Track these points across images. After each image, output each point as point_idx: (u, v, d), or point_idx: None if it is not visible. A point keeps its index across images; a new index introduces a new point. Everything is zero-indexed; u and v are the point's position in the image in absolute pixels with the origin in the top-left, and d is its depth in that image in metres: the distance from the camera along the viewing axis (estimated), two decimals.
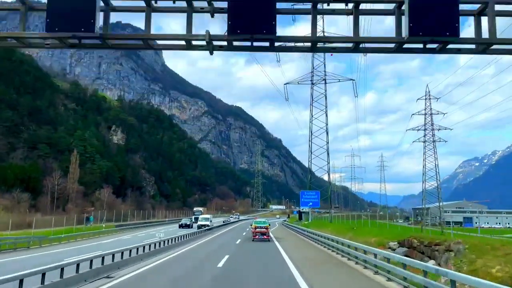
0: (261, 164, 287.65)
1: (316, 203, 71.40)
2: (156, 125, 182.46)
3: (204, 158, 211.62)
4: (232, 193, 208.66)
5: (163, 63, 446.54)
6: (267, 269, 18.80)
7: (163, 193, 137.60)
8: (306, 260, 22.54)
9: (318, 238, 34.20)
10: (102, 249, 24.94)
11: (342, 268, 19.43)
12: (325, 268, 19.95)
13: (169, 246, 27.08)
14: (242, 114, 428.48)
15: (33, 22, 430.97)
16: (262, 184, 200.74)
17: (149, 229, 59.63)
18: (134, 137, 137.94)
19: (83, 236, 42.40)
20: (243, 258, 23.94)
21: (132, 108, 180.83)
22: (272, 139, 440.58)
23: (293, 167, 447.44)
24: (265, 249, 29.57)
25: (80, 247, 31.16)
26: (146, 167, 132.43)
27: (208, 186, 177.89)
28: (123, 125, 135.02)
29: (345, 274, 17.72)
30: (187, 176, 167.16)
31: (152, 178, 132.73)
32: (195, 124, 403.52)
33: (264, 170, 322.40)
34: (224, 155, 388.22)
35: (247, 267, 19.92)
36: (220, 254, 24.57)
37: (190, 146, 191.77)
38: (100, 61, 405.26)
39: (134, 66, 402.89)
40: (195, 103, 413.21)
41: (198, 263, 20.89)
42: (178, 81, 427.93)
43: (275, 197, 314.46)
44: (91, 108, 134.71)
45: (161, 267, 18.89)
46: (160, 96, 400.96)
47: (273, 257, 23.90)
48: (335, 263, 21.48)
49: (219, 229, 59.61)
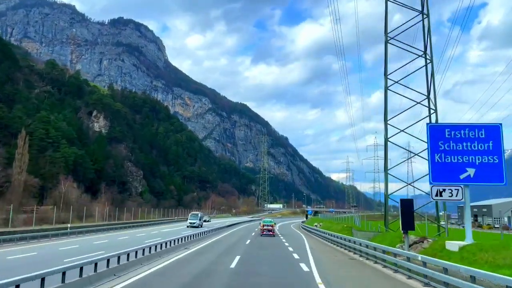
0: (267, 163, 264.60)
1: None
2: (151, 115, 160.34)
3: (205, 153, 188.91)
4: (236, 191, 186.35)
5: (166, 59, 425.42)
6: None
7: (154, 190, 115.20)
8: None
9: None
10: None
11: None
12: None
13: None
14: (247, 111, 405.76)
15: (33, 18, 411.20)
16: (268, 179, 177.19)
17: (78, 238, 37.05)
18: (121, 125, 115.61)
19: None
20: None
21: (124, 97, 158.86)
22: (278, 137, 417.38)
23: (300, 166, 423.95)
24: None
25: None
26: (133, 159, 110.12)
27: (209, 183, 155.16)
28: (106, 110, 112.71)
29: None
30: (184, 171, 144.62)
31: (140, 172, 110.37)
32: (199, 122, 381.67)
33: (270, 169, 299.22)
34: (229, 154, 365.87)
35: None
36: None
37: (189, 139, 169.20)
38: (101, 57, 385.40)
39: (136, 62, 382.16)
40: (198, 100, 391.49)
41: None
42: (182, 78, 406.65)
43: (282, 197, 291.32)
44: (70, 92, 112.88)
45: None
46: (163, 93, 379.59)
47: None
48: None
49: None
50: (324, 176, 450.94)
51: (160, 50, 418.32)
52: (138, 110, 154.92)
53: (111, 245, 25.39)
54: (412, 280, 14.06)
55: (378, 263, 18.42)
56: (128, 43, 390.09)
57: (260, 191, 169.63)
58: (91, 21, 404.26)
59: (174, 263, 17.87)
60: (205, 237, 35.37)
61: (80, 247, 24.84)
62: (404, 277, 14.74)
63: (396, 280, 14.69)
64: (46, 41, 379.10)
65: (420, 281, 13.53)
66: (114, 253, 14.24)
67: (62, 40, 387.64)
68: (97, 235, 39.91)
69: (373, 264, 18.81)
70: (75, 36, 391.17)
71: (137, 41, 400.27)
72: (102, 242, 29.10)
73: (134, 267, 15.17)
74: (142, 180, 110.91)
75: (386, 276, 15.63)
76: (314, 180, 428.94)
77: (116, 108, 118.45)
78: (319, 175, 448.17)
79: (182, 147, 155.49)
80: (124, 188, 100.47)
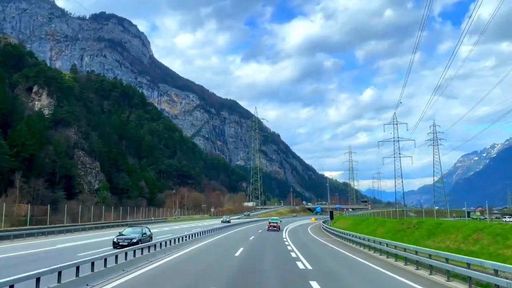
0: (258, 160, 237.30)
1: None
2: (123, 102, 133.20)
3: (188, 146, 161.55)
4: (224, 188, 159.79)
5: (151, 55, 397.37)
6: None
7: (117, 187, 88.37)
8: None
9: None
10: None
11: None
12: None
13: None
14: (237, 108, 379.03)
15: (9, 14, 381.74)
16: (261, 176, 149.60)
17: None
18: (72, 106, 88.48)
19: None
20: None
21: (91, 80, 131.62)
22: (270, 134, 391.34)
23: (293, 163, 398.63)
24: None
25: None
26: (87, 148, 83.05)
27: (191, 178, 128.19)
28: (52, 86, 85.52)
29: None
30: (160, 165, 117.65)
31: (96, 164, 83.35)
32: (187, 119, 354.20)
33: (262, 167, 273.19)
34: (219, 152, 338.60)
35: None
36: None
37: (168, 129, 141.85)
38: (82, 53, 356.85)
39: (119, 58, 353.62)
40: (186, 96, 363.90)
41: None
42: (168, 74, 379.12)
43: (276, 195, 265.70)
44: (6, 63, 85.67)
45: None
46: (148, 89, 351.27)
47: None
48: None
49: None
50: (317, 173, 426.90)
51: (144, 45, 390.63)
52: (107, 96, 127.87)
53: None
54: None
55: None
56: (110, 38, 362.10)
57: (251, 187, 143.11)
58: (71, 16, 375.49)
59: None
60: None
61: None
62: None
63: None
64: (23, 38, 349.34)
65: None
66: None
67: (40, 36, 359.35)
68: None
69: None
70: (54, 32, 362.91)
71: (120, 36, 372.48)
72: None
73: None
74: (100, 174, 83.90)
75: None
76: (308, 178, 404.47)
77: (67, 84, 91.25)
78: (312, 172, 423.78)
79: (159, 138, 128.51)
80: (71, 184, 73.58)
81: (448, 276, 12.70)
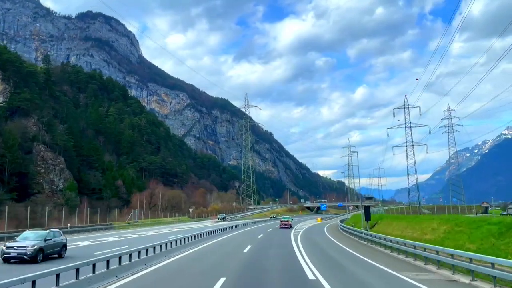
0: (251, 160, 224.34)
1: None
2: (101, 95, 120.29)
3: (174, 143, 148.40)
4: (215, 188, 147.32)
5: (140, 54, 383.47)
6: None
7: (88, 186, 75.73)
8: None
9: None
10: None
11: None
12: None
13: None
14: (229, 106, 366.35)
15: None
16: (254, 173, 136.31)
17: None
18: (35, 93, 75.58)
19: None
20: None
21: (65, 72, 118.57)
22: (263, 133, 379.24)
23: (286, 162, 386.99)
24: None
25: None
26: (49, 142, 70.19)
27: (177, 177, 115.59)
28: (7, 71, 72.61)
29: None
30: (142, 162, 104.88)
31: (61, 160, 70.56)
32: (177, 118, 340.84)
33: (255, 166, 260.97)
34: (211, 151, 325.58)
35: None
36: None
37: (151, 124, 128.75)
38: (68, 53, 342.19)
39: (107, 57, 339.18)
40: (176, 95, 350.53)
41: None
42: (157, 73, 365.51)
43: (270, 195, 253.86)
44: None
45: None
46: (137, 89, 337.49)
47: None
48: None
49: None
50: (311, 172, 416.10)
51: (133, 44, 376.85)
52: (84, 88, 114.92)
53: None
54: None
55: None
56: (97, 38, 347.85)
57: (244, 185, 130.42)
58: (56, 15, 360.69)
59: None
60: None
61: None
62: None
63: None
64: (7, 38, 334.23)
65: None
66: None
67: (25, 36, 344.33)
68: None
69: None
70: (39, 32, 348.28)
71: (107, 35, 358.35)
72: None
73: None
74: (65, 172, 71.10)
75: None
76: (302, 177, 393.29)
77: (28, 69, 78.33)
78: (306, 171, 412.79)
79: (141, 133, 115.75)
80: (24, 182, 60.75)
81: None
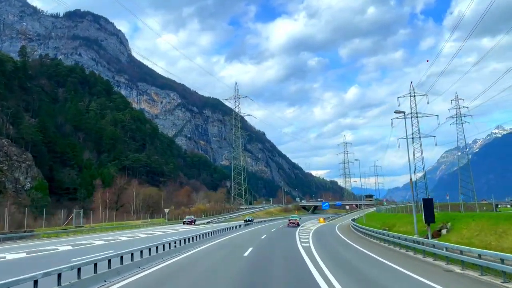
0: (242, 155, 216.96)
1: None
2: (82, 89, 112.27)
3: (162, 140, 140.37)
4: (205, 187, 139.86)
5: (129, 53, 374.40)
6: None
7: (61, 186, 68.01)
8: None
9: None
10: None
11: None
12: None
13: None
14: (220, 106, 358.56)
15: None
16: (245, 171, 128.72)
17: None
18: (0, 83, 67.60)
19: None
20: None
21: (44, 65, 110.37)
22: (255, 132, 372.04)
23: (279, 162, 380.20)
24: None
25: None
26: (14, 135, 62.34)
27: (163, 176, 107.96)
28: None
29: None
30: (124, 160, 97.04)
31: (28, 156, 62.74)
32: (168, 118, 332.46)
33: (247, 166, 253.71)
34: (202, 151, 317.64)
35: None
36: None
37: (136, 120, 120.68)
38: (56, 52, 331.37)
39: (96, 56, 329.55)
40: (166, 95, 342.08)
41: None
42: (147, 73, 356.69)
43: (262, 195, 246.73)
44: None
45: None
46: (127, 89, 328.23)
47: None
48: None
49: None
50: (304, 172, 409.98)
51: (122, 43, 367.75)
52: (63, 82, 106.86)
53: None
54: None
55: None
56: (85, 36, 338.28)
57: (235, 185, 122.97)
58: (43, 13, 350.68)
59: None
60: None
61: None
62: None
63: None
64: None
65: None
66: None
67: (11, 35, 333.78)
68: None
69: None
70: (25, 31, 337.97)
71: (96, 34, 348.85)
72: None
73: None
74: (33, 169, 63.25)
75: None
76: (295, 177, 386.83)
77: None
78: (299, 171, 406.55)
79: (124, 129, 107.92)
80: None
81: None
